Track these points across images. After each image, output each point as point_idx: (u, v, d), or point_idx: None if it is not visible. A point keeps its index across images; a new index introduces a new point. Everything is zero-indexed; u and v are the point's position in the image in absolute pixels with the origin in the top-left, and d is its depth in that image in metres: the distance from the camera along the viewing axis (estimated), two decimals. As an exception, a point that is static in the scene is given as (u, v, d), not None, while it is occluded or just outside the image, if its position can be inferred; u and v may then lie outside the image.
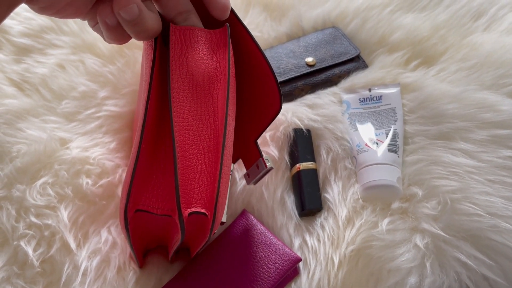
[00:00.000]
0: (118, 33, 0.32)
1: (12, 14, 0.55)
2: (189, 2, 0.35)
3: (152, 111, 0.33)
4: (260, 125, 0.41)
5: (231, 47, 0.35)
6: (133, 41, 0.54)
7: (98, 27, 0.33)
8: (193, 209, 0.31)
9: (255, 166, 0.41)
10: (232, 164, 0.41)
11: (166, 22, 0.35)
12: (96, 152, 0.48)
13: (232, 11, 0.37)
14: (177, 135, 0.31)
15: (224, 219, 0.38)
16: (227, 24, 0.35)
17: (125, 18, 0.30)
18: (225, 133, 0.32)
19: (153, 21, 0.32)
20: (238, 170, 0.48)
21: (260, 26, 0.60)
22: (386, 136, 0.49)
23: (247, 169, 0.43)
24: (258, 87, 0.40)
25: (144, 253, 0.43)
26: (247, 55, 0.39)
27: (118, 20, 0.31)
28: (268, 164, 0.40)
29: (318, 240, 0.45)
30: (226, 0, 0.34)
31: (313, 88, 0.55)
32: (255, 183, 0.43)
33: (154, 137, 0.34)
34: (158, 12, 0.34)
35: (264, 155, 0.41)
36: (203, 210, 0.31)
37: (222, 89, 0.33)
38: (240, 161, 0.47)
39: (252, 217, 0.45)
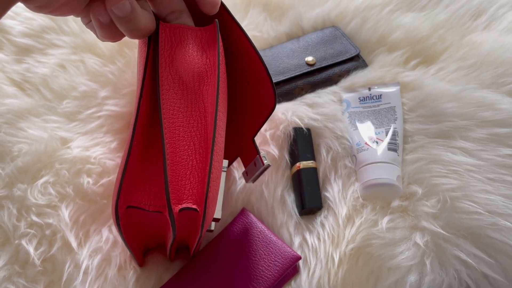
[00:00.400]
0: (111, 31, 0.32)
1: (13, 14, 0.56)
2: (182, 1, 0.35)
3: (145, 109, 0.33)
4: (256, 122, 0.41)
5: (220, 43, 0.35)
6: (133, 41, 0.54)
7: (91, 24, 0.33)
8: (184, 205, 0.30)
9: (253, 164, 0.41)
10: (226, 160, 0.41)
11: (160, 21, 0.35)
12: (97, 152, 0.48)
13: (225, 8, 0.37)
14: (166, 132, 0.31)
15: (218, 215, 0.37)
16: (216, 20, 0.35)
17: (118, 15, 0.30)
18: (215, 128, 0.32)
19: (146, 20, 0.32)
20: (238, 169, 0.49)
21: (260, 26, 0.60)
22: (386, 135, 0.49)
23: (245, 167, 0.43)
24: (253, 84, 0.40)
25: (145, 251, 0.44)
26: (240, 52, 0.39)
27: (111, 18, 0.31)
28: (265, 161, 0.40)
29: (318, 239, 0.45)
30: None
31: (313, 87, 0.55)
32: (254, 181, 0.43)
33: (147, 135, 0.34)
34: (152, 11, 0.34)
35: (262, 153, 0.41)
36: (194, 206, 0.31)
37: (212, 85, 0.33)
38: (240, 159, 0.47)
39: (251, 215, 0.45)
